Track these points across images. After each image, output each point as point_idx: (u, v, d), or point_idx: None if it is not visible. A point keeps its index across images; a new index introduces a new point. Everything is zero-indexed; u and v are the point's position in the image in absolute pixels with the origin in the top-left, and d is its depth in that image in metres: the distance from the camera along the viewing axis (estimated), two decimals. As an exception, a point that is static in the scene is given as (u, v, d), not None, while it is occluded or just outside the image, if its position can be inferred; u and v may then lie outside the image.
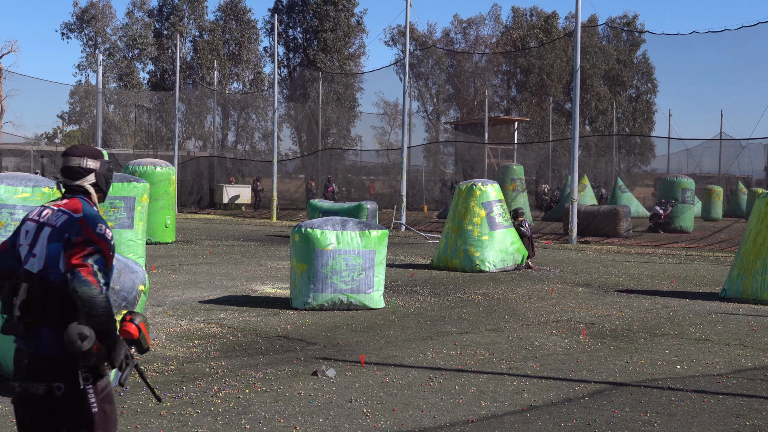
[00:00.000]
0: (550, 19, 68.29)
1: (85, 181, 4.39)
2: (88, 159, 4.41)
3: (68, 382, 4.04)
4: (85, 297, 3.95)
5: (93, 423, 4.11)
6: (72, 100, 64.57)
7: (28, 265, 4.19)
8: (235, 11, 65.56)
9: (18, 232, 4.39)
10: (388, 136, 66.00)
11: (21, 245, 4.30)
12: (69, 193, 4.39)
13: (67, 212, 4.21)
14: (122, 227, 17.84)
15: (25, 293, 4.11)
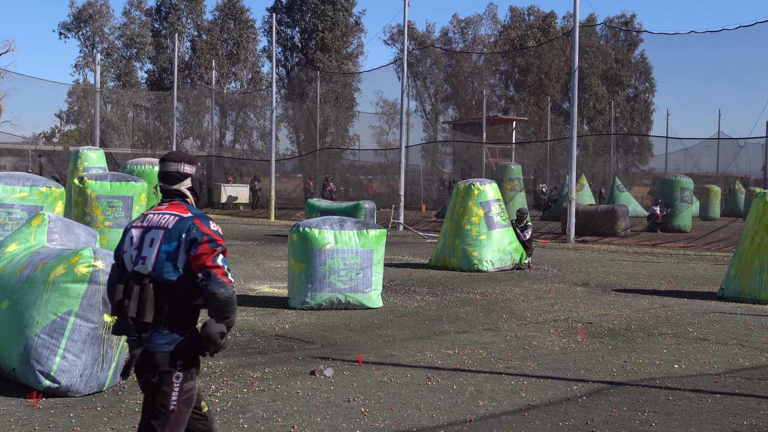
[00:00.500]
0: (548, 19, 68.28)
1: (183, 185, 4.68)
2: (185, 164, 4.72)
3: (161, 377, 4.40)
4: (222, 298, 4.29)
5: (168, 418, 4.43)
6: (70, 100, 64.54)
7: (137, 267, 4.43)
8: (234, 11, 65.50)
9: (122, 241, 4.64)
10: (386, 135, 66.00)
11: (125, 252, 4.55)
12: (167, 197, 4.66)
13: (175, 214, 4.50)
14: (120, 227, 17.83)
15: (138, 295, 4.35)
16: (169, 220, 4.48)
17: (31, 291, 7.53)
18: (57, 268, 7.49)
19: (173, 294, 4.39)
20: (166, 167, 4.69)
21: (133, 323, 4.37)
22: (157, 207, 4.63)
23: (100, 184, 18.05)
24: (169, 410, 4.45)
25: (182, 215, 4.49)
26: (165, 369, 4.43)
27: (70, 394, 7.44)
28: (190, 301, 4.48)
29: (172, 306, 4.39)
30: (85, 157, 27.01)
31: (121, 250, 4.61)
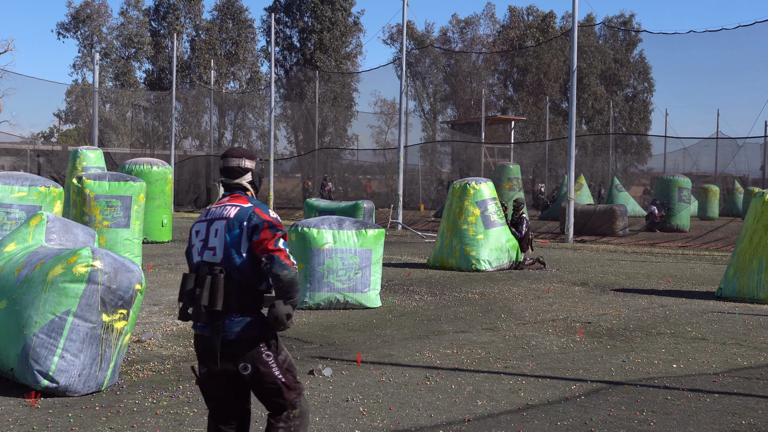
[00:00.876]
0: (547, 19, 68.28)
1: (244, 179, 4.90)
2: (245, 159, 4.94)
3: (254, 362, 4.63)
4: (286, 279, 4.55)
5: (282, 390, 4.71)
6: (69, 99, 64.51)
7: (206, 257, 4.67)
8: (232, 10, 65.48)
9: (189, 238, 4.90)
10: (384, 135, 66.01)
11: (193, 245, 4.80)
12: (228, 190, 4.90)
13: (236, 204, 4.74)
14: (119, 226, 17.83)
15: (210, 284, 4.57)
16: (230, 210, 4.72)
17: (30, 291, 7.53)
18: (55, 268, 7.49)
19: (241, 280, 4.62)
20: (228, 163, 4.91)
21: (205, 311, 4.58)
22: (219, 201, 4.86)
23: (98, 184, 18.04)
24: (279, 384, 4.73)
25: (242, 205, 4.73)
26: (254, 354, 4.66)
27: (69, 394, 7.44)
28: (256, 287, 4.69)
29: (240, 293, 4.61)
30: (84, 157, 27.01)
31: (189, 246, 4.86)
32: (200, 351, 4.75)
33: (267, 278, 4.69)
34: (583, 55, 61.64)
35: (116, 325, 7.59)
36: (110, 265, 7.54)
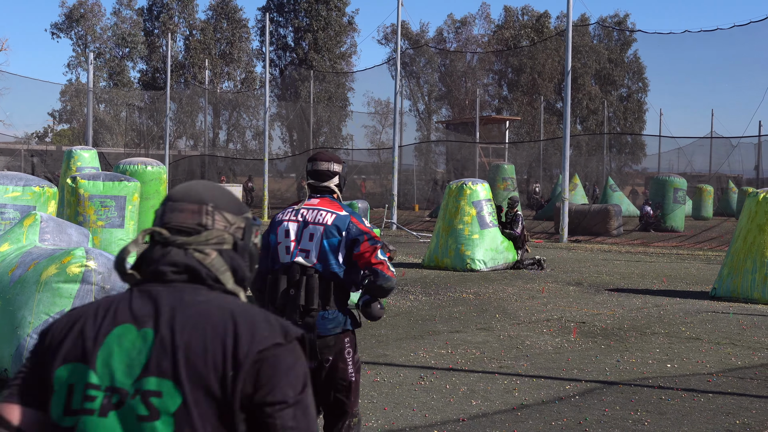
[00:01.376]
0: (542, 19, 68.36)
1: (331, 182, 5.03)
2: (334, 163, 5.07)
3: (336, 356, 4.81)
4: (388, 289, 4.83)
5: (350, 388, 4.88)
6: (63, 99, 64.41)
7: (299, 259, 4.79)
8: (226, 10, 65.46)
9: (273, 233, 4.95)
10: (379, 135, 66.01)
11: (280, 243, 4.87)
12: (315, 192, 5.03)
13: (332, 211, 4.87)
14: (113, 226, 17.80)
15: (305, 285, 4.76)
16: (327, 217, 4.84)
17: (23, 291, 7.51)
18: (49, 268, 7.47)
19: (334, 282, 4.83)
20: (318, 166, 5.04)
21: (303, 310, 4.77)
22: (309, 202, 4.96)
23: (92, 184, 18.01)
24: (349, 381, 4.89)
25: (338, 213, 4.87)
26: (338, 348, 4.84)
27: (63, 395, 7.41)
28: (347, 288, 4.94)
29: (333, 292, 4.83)
30: (78, 157, 26.97)
31: (274, 241, 4.91)
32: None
33: (357, 282, 4.91)
34: (578, 55, 61.70)
35: (110, 325, 7.58)
36: (104, 265, 7.52)
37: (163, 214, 2.21)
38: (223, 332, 2.00)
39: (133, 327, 2.04)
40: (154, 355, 1.99)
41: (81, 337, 2.05)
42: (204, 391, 1.95)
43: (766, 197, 14.82)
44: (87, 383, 2.00)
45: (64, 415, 2.00)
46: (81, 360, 2.02)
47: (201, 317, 2.03)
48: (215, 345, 1.98)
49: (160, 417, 1.94)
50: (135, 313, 2.06)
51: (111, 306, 2.09)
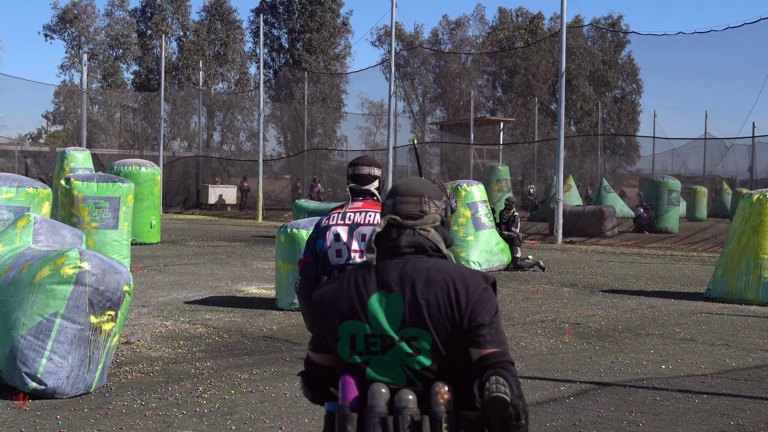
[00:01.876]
0: (536, 20, 68.43)
1: (372, 185, 5.23)
2: (374, 168, 5.29)
3: None
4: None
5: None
6: (56, 101, 64.26)
7: (354, 259, 4.93)
8: (220, 11, 65.40)
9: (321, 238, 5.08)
10: (373, 136, 66.04)
11: (330, 247, 5.01)
12: (356, 195, 5.20)
13: (377, 212, 5.04)
14: (107, 228, 17.78)
15: None
16: (376, 217, 5.02)
17: (17, 293, 7.49)
18: (43, 270, 7.45)
19: None
20: (359, 170, 5.23)
21: None
22: (353, 206, 5.13)
23: (86, 185, 17.99)
24: None
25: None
26: None
27: (57, 396, 7.41)
28: None
29: None
30: (72, 158, 26.94)
31: (323, 245, 5.05)
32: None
33: None
34: (572, 56, 61.75)
35: (104, 326, 7.57)
36: (98, 267, 7.51)
37: (394, 205, 3.13)
38: (447, 290, 2.96)
39: (385, 292, 2.99)
40: (406, 311, 2.95)
41: (350, 302, 3.01)
42: (443, 330, 2.93)
43: (760, 199, 14.85)
44: (366, 334, 2.98)
45: (351, 355, 3.01)
46: (356, 318, 3.00)
47: (431, 281, 2.97)
48: (444, 300, 2.95)
49: (421, 353, 2.93)
50: (385, 282, 3.00)
51: (363, 276, 3.04)
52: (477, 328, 2.92)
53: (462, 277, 3.01)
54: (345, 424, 2.92)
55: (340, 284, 3.06)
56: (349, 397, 2.95)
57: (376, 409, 2.88)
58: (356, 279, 3.04)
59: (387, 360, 2.96)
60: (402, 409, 2.86)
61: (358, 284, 3.02)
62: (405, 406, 2.86)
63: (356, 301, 3.00)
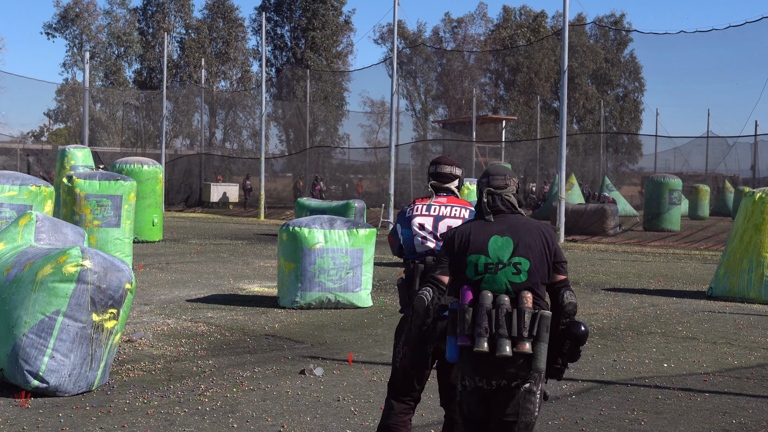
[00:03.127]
0: (538, 18, 68.36)
1: (452, 184, 5.61)
2: (455, 168, 5.72)
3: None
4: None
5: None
6: (59, 99, 64.27)
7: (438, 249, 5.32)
8: (222, 9, 65.40)
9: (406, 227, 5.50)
10: (376, 134, 66.01)
11: (415, 235, 5.43)
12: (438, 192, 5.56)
13: (463, 206, 5.47)
14: (109, 226, 17.79)
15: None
16: (462, 211, 5.44)
17: (19, 291, 7.50)
18: (45, 268, 7.45)
19: None
20: (442, 169, 5.61)
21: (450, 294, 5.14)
22: (437, 200, 5.51)
23: (88, 183, 18.00)
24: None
25: (469, 208, 5.46)
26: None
27: (59, 394, 7.41)
28: None
29: None
30: (72, 156, 26.96)
31: (408, 234, 5.44)
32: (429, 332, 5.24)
33: None
34: (575, 54, 61.72)
35: (106, 324, 7.57)
36: (100, 265, 7.51)
37: (488, 182, 4.68)
38: (539, 235, 4.54)
39: (498, 236, 4.51)
40: (514, 247, 4.47)
41: (476, 241, 4.52)
42: (538, 260, 4.47)
43: (762, 197, 14.83)
44: (486, 262, 4.48)
45: (474, 275, 4.49)
46: (480, 252, 4.50)
47: (528, 230, 4.54)
48: (538, 242, 4.51)
49: (521, 273, 4.44)
50: (497, 229, 4.54)
51: (482, 227, 4.56)
52: (558, 263, 4.55)
53: (545, 228, 4.63)
54: (464, 313, 4.41)
55: (467, 229, 4.61)
56: (467, 299, 4.44)
57: (484, 305, 4.39)
58: (479, 226, 4.59)
59: (496, 277, 4.45)
60: (500, 305, 4.37)
61: (480, 232, 4.56)
62: (502, 303, 4.38)
63: (480, 241, 4.52)
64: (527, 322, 4.34)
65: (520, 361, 4.39)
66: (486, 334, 4.36)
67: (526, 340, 4.35)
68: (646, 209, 34.84)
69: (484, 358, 4.41)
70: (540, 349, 4.37)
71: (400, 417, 5.40)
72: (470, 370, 4.48)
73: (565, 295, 4.50)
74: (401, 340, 5.33)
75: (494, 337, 4.36)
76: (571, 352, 4.51)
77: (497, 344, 4.34)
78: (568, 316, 4.46)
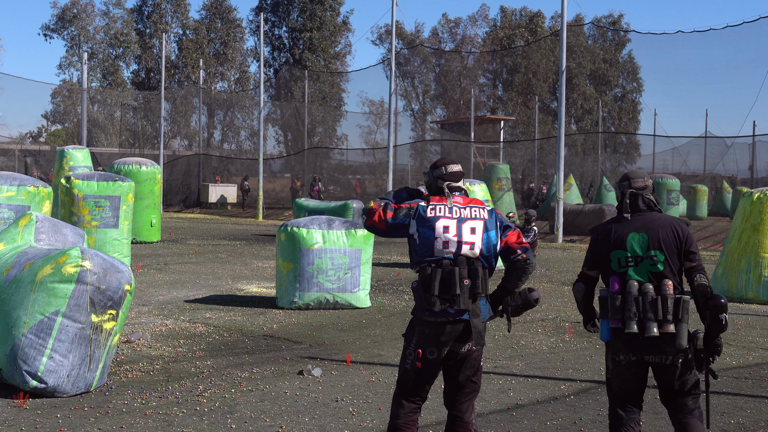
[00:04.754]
0: (536, 19, 68.36)
1: (461, 182, 5.62)
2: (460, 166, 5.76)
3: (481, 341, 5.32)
4: (534, 264, 5.47)
5: (479, 370, 5.49)
6: (56, 100, 64.22)
7: (464, 251, 5.28)
8: (220, 10, 65.39)
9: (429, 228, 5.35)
10: (374, 135, 65.99)
11: (438, 238, 5.31)
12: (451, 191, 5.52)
13: (479, 207, 5.46)
14: (107, 226, 17.79)
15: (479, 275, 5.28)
16: (482, 212, 5.42)
17: (18, 291, 7.50)
18: (44, 268, 7.46)
19: (488, 269, 5.37)
20: (452, 168, 5.60)
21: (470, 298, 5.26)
22: (455, 200, 5.46)
23: (87, 184, 18.00)
24: (481, 363, 5.49)
25: (488, 208, 5.49)
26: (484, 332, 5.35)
27: (57, 395, 7.41)
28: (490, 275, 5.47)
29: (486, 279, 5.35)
30: (71, 157, 26.94)
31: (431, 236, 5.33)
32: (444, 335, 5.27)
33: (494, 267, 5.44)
34: (573, 55, 61.73)
35: (105, 325, 7.57)
36: (99, 266, 7.51)
37: (630, 184, 5.41)
38: (671, 229, 5.26)
39: (635, 233, 5.27)
40: (649, 242, 5.23)
41: (617, 238, 5.31)
42: (670, 251, 5.21)
43: (760, 197, 14.85)
44: (626, 257, 5.27)
45: (618, 268, 5.29)
46: (620, 248, 5.29)
47: (662, 225, 5.26)
48: (670, 236, 5.24)
49: (657, 264, 5.20)
50: (634, 226, 5.30)
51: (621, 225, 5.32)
52: (689, 252, 5.24)
53: (678, 223, 5.31)
54: (614, 300, 5.23)
55: (606, 227, 5.39)
56: (613, 288, 5.27)
57: (632, 293, 5.18)
58: (618, 227, 5.33)
59: (637, 269, 5.23)
60: (646, 293, 5.16)
61: (619, 229, 5.32)
62: (647, 291, 5.17)
63: (620, 238, 5.29)
64: (670, 307, 5.13)
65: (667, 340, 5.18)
66: (635, 318, 5.18)
67: (670, 322, 5.14)
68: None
69: (634, 337, 5.24)
70: (681, 329, 5.16)
71: (408, 417, 5.46)
72: (624, 347, 5.31)
73: (696, 278, 5.21)
74: (412, 342, 5.36)
75: (642, 320, 5.17)
76: (715, 323, 5.16)
77: (645, 326, 5.16)
78: (702, 295, 5.20)
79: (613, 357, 5.43)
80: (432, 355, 5.32)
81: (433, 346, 5.31)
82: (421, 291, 5.29)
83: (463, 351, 5.33)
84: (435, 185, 5.57)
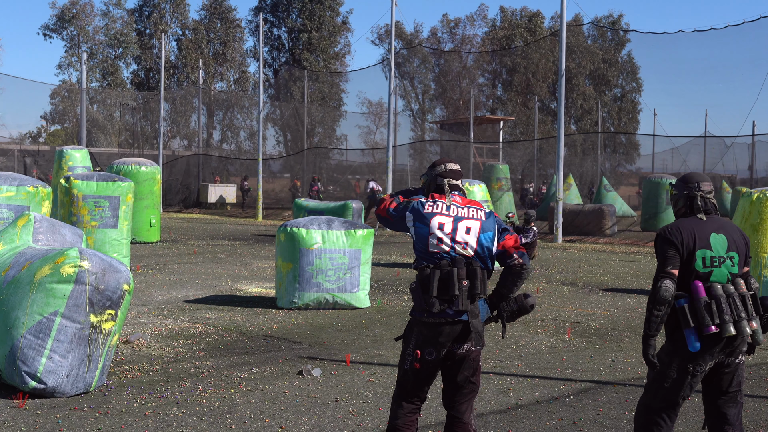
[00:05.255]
0: (535, 19, 68.35)
1: (460, 181, 5.62)
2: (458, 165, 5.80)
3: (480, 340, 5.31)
4: (530, 269, 5.41)
5: (478, 371, 5.48)
6: (54, 101, 64.17)
7: (459, 250, 5.28)
8: (220, 10, 65.39)
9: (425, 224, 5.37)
10: (373, 135, 65.99)
11: (432, 234, 5.32)
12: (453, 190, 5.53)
13: (477, 207, 5.45)
14: (107, 227, 17.78)
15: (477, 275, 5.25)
16: (479, 213, 5.42)
17: (17, 292, 7.49)
18: (43, 269, 7.45)
19: (485, 269, 5.34)
20: (453, 166, 5.64)
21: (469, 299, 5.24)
22: (454, 199, 5.47)
23: (86, 184, 17.99)
24: (479, 364, 5.48)
25: (485, 210, 5.49)
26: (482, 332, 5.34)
27: (57, 395, 7.41)
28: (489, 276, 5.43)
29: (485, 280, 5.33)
30: (70, 157, 26.93)
31: (424, 231, 5.36)
32: (442, 336, 5.27)
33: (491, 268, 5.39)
34: (572, 55, 61.73)
35: (104, 325, 7.57)
36: (98, 266, 7.51)
37: (699, 187, 5.46)
38: (740, 233, 5.42)
39: (715, 233, 5.32)
40: (728, 243, 5.33)
41: (701, 238, 5.30)
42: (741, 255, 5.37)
43: (760, 197, 14.83)
44: (711, 256, 5.29)
45: (703, 267, 5.28)
46: (706, 247, 5.29)
47: (732, 227, 5.42)
48: (740, 239, 5.39)
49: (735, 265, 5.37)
50: (713, 227, 5.36)
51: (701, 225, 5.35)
52: (748, 257, 5.39)
53: (739, 228, 5.51)
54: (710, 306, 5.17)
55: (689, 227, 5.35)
56: (702, 294, 5.21)
57: (721, 296, 5.21)
58: (699, 227, 5.35)
59: (720, 270, 5.28)
60: (732, 293, 5.23)
61: (702, 229, 5.34)
62: (731, 292, 5.24)
63: (704, 237, 5.30)
64: (751, 304, 5.29)
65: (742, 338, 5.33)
66: (730, 320, 5.19)
67: (754, 319, 5.29)
68: (644, 209, 34.86)
69: (723, 341, 5.29)
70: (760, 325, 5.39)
71: (408, 417, 5.47)
72: (710, 355, 5.33)
73: (751, 282, 5.39)
74: (411, 343, 5.36)
75: (738, 322, 5.23)
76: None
77: (740, 327, 5.23)
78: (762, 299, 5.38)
79: (688, 367, 5.45)
80: (430, 356, 5.32)
81: (431, 347, 5.31)
82: (420, 292, 5.30)
83: (461, 351, 5.32)
84: (434, 183, 5.57)
